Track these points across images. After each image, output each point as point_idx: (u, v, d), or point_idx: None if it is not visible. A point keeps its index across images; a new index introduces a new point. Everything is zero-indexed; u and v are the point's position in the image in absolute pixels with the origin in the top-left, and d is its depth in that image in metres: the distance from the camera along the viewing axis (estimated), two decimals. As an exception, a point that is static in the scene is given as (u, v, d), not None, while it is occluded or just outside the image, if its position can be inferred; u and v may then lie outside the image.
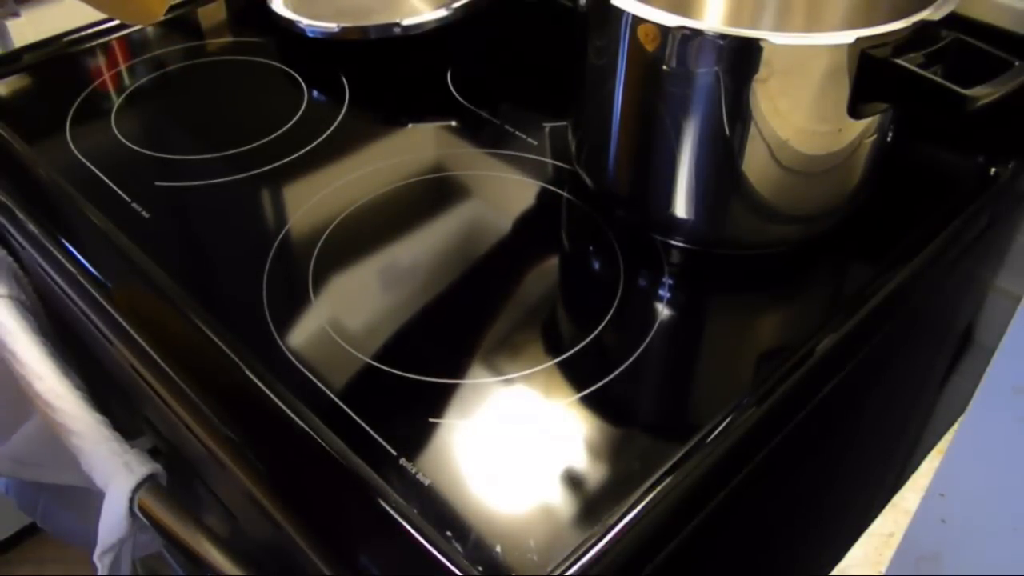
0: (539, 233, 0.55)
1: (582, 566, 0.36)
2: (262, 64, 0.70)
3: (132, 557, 0.53)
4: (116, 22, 0.74)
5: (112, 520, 0.50)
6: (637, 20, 0.45)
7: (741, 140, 0.47)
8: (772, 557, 0.60)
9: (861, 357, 0.50)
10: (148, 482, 0.50)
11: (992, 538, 0.31)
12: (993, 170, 0.59)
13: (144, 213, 0.55)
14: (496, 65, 0.71)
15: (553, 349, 0.46)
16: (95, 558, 0.52)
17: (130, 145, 0.61)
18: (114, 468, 0.51)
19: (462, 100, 0.66)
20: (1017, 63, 0.44)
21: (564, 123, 0.62)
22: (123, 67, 0.71)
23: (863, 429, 0.62)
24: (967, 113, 0.42)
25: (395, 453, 0.40)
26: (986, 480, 0.30)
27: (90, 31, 0.73)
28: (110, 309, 0.50)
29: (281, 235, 0.53)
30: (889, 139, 0.51)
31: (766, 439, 0.44)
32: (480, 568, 0.36)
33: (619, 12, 0.46)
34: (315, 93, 0.66)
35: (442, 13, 0.68)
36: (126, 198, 0.56)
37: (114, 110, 0.65)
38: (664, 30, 0.45)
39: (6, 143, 0.62)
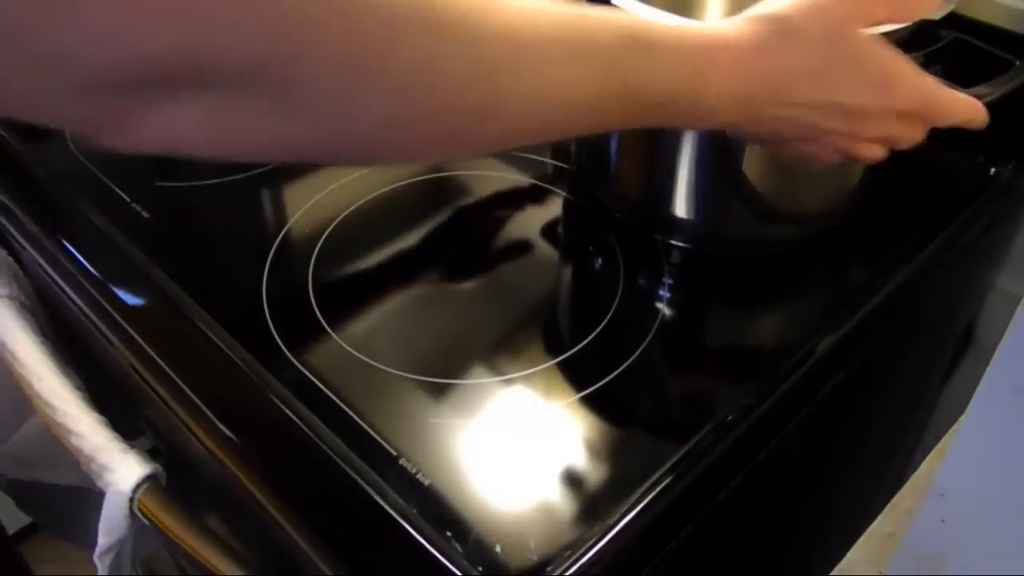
0: (539, 233, 0.55)
1: (582, 566, 0.36)
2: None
3: (132, 557, 0.53)
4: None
5: (112, 520, 0.50)
6: (637, 20, 0.45)
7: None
8: (772, 557, 0.60)
9: (861, 357, 0.50)
10: (148, 482, 0.50)
11: (992, 538, 0.31)
12: (993, 170, 0.58)
13: (144, 213, 0.55)
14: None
15: (553, 349, 0.46)
16: (95, 558, 0.52)
17: (130, 145, 0.61)
18: (114, 468, 0.51)
19: (462, 100, 0.65)
20: (1017, 63, 0.44)
21: (564, 123, 0.62)
22: (123, 67, 0.70)
23: (863, 429, 0.62)
24: (967, 113, 0.42)
25: (395, 453, 0.40)
26: (986, 480, 0.30)
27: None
28: (110, 309, 0.50)
29: (281, 235, 0.53)
30: (889, 139, 0.51)
31: (766, 439, 0.44)
32: (480, 568, 0.36)
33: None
34: (315, 93, 0.66)
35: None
36: (126, 198, 0.56)
37: (114, 110, 0.65)
38: (664, 30, 0.45)
39: (6, 143, 0.61)
